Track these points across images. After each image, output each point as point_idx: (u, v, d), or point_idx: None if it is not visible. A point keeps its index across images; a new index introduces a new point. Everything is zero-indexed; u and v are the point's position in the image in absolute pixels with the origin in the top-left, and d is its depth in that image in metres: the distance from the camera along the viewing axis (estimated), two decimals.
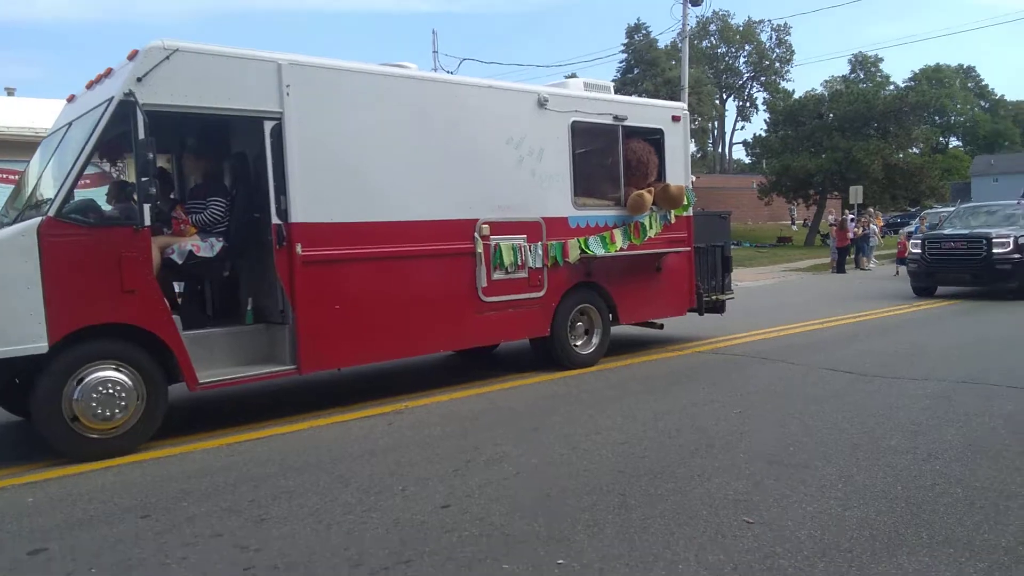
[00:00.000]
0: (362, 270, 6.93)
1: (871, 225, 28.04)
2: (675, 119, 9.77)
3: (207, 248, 6.64)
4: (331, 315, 6.71)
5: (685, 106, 10.22)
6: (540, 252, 8.20)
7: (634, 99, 9.85)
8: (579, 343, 8.81)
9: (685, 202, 9.46)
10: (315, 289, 6.59)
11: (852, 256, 26.50)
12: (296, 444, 5.96)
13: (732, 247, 11.65)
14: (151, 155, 5.64)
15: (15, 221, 5.80)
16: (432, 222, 7.40)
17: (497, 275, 7.86)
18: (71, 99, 7.01)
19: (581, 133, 8.73)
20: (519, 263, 8.02)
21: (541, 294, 8.27)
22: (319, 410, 7.05)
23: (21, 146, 14.94)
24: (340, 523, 4.26)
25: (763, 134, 49.99)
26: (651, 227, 9.21)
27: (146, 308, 5.83)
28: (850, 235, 25.78)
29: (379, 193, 7.01)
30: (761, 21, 67.02)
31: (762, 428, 5.97)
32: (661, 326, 10.08)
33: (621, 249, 8.88)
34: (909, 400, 6.74)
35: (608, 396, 7.34)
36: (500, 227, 7.89)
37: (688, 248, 9.75)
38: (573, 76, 12.51)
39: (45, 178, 6.32)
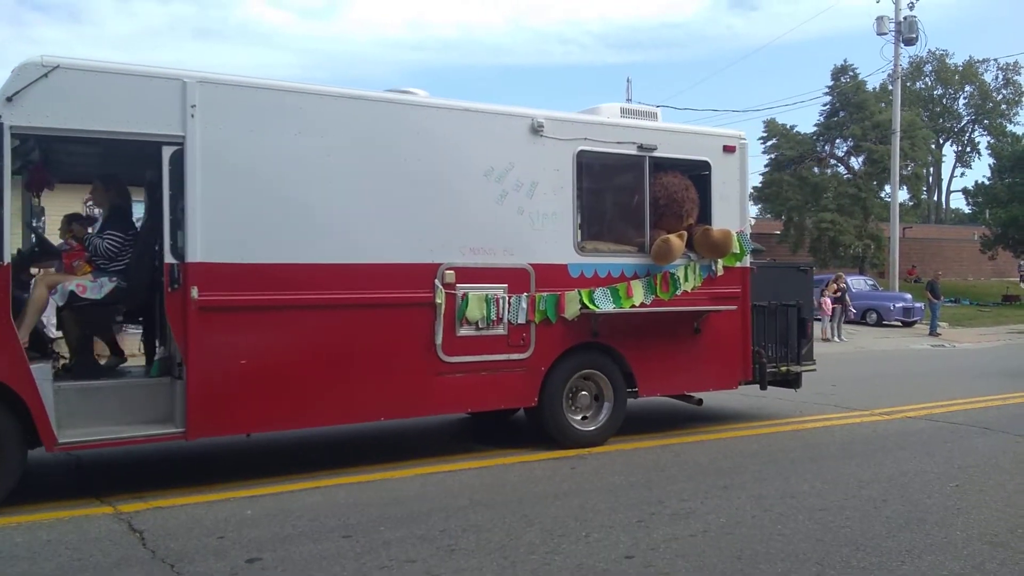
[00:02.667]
0: (278, 320, 5.96)
1: None
2: (727, 150, 8.06)
3: (95, 289, 5.91)
4: (233, 371, 5.78)
5: (742, 134, 8.33)
6: (524, 305, 6.85)
7: (670, 125, 8.15)
8: (581, 417, 7.32)
9: (736, 250, 7.91)
10: (214, 340, 5.72)
11: None
12: (484, 480, 6.14)
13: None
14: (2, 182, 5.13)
15: None
16: (377, 266, 6.30)
17: (464, 331, 6.62)
18: None
19: (591, 165, 7.50)
20: (494, 317, 6.73)
21: (525, 355, 6.90)
22: (504, 448, 7.22)
23: None
24: (524, 562, 4.32)
25: (987, 181, 45.65)
26: (686, 279, 7.67)
27: None
28: None
29: (308, 231, 6.06)
30: (985, 60, 61.66)
31: (983, 505, 5.38)
32: (699, 401, 8.30)
33: (642, 304, 7.40)
34: None
35: (803, 457, 6.93)
36: (470, 274, 6.66)
37: (739, 306, 8.01)
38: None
39: None
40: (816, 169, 38.62)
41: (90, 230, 6.62)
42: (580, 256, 7.22)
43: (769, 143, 39.00)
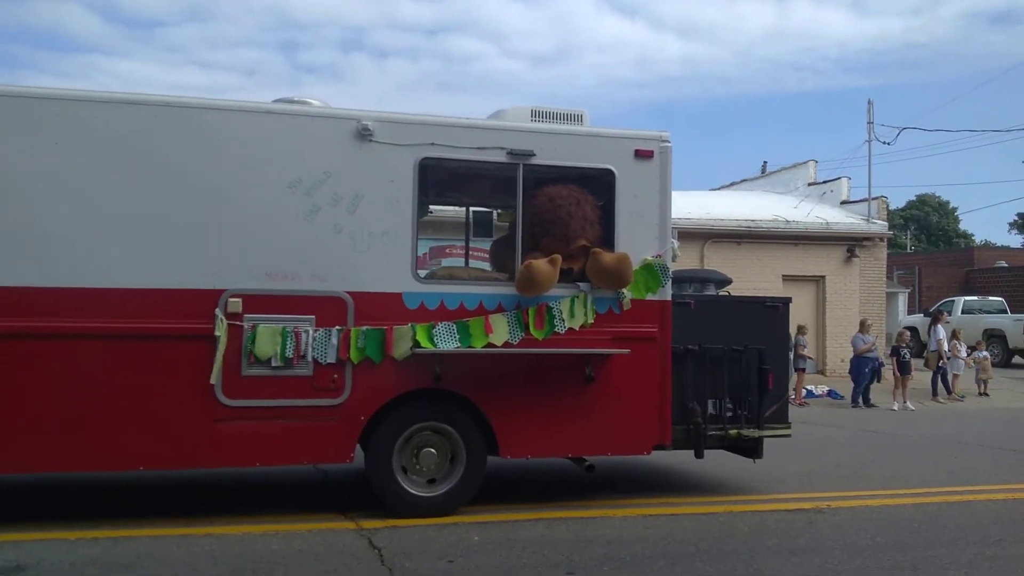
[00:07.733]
0: (12, 351, 5.36)
1: None
2: (641, 155, 6.41)
3: None
4: None
5: (663, 135, 6.56)
6: (335, 341, 5.78)
7: (555, 127, 6.47)
8: (421, 480, 6.05)
9: (653, 279, 6.34)
10: None
11: None
12: (711, 528, 5.85)
13: None
14: None
15: None
16: (142, 291, 5.52)
17: (254, 370, 5.65)
18: None
19: (442, 174, 6.48)
20: (291, 355, 5.70)
21: (338, 401, 5.80)
22: (733, 495, 6.88)
23: None
24: None
25: None
26: (572, 315, 6.16)
27: None
28: None
29: (56, 250, 5.46)
30: None
31: None
32: (591, 467, 6.51)
33: (506, 344, 6.04)
34: None
35: None
36: (264, 302, 5.71)
37: (652, 350, 6.32)
38: None
39: None
40: None
41: None
42: (421, 284, 6.04)
43: None
